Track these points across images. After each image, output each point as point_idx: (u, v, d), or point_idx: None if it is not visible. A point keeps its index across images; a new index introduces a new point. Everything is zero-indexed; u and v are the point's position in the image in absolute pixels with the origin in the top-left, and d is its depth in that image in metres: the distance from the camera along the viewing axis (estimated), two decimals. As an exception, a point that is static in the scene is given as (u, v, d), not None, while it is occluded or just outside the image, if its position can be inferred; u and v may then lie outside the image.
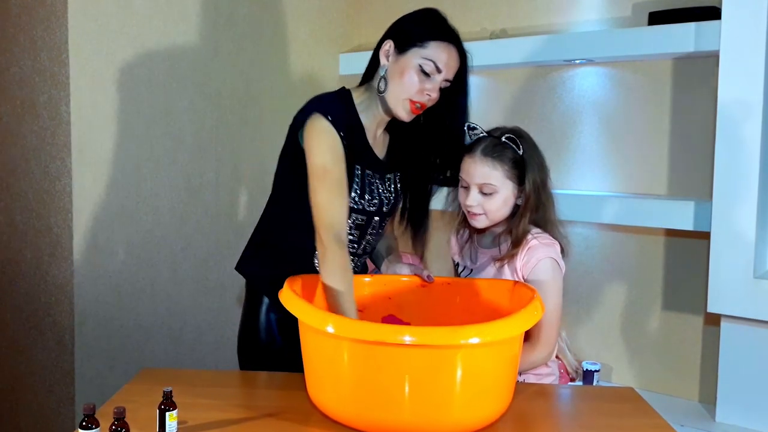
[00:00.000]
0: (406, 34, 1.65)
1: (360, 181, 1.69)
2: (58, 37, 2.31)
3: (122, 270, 2.46)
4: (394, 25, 1.71)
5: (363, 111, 1.72)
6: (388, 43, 1.67)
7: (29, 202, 2.47)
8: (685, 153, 2.48)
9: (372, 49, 1.75)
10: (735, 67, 2.12)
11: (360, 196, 1.69)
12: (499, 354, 1.35)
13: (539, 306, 1.41)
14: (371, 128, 1.73)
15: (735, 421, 2.24)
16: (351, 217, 1.69)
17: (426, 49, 1.62)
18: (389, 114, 1.71)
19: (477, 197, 1.72)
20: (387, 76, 1.65)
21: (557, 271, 1.72)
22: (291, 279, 1.54)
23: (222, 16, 2.70)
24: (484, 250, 1.83)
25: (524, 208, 1.73)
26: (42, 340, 2.47)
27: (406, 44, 1.64)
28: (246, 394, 1.62)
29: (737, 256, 2.13)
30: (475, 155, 1.72)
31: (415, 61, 1.62)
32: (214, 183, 2.71)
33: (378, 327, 1.30)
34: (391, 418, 1.32)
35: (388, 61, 1.66)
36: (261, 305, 1.78)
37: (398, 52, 1.65)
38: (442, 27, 1.66)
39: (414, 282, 1.76)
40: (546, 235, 1.75)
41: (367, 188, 1.71)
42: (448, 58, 1.64)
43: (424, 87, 1.63)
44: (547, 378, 1.78)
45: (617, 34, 2.45)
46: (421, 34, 1.63)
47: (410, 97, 1.63)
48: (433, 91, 1.64)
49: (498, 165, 1.70)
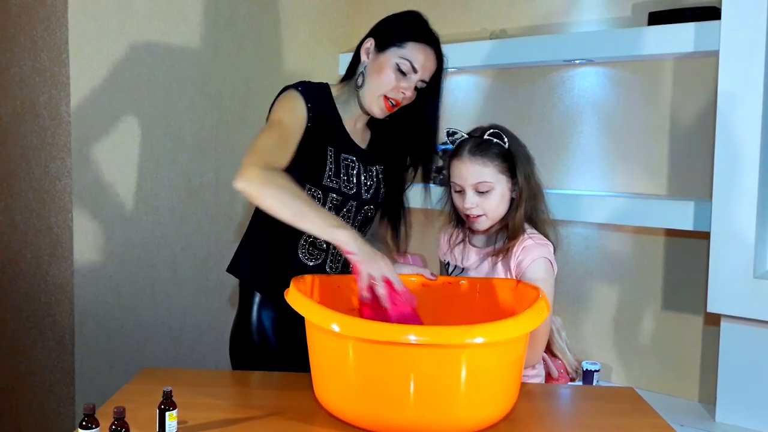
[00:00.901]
0: (386, 33, 1.71)
1: (334, 162, 1.73)
2: (58, 37, 2.31)
3: (122, 270, 2.46)
4: (377, 25, 1.77)
5: (341, 104, 1.77)
6: (369, 41, 1.73)
7: (29, 202, 2.47)
8: (685, 153, 2.49)
9: None
10: (735, 67, 2.12)
11: (335, 174, 1.72)
12: (504, 354, 1.35)
13: (545, 306, 1.41)
14: (349, 120, 1.78)
15: (735, 421, 2.24)
16: (329, 197, 1.73)
17: (404, 49, 1.68)
18: (365, 111, 1.76)
19: (474, 198, 1.72)
20: (365, 72, 1.72)
21: (550, 271, 1.73)
22: (296, 279, 1.54)
23: (222, 16, 2.70)
24: (477, 249, 1.83)
25: (519, 200, 1.74)
26: (42, 340, 2.47)
27: (386, 43, 1.70)
28: (246, 393, 1.62)
29: (737, 256, 2.13)
30: (463, 157, 1.73)
31: (392, 60, 1.68)
32: (214, 183, 2.72)
33: (384, 326, 1.29)
34: (395, 418, 1.32)
35: (368, 58, 1.73)
36: (252, 305, 1.79)
37: (378, 50, 1.71)
38: (421, 29, 1.72)
39: (416, 282, 1.76)
40: (540, 235, 1.76)
41: (342, 170, 1.74)
42: (425, 59, 1.69)
43: (400, 85, 1.69)
44: (533, 379, 1.79)
45: (617, 34, 2.45)
46: (400, 35, 1.69)
47: (385, 93, 1.69)
48: (408, 90, 1.69)
49: (488, 161, 1.71)
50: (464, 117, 2.92)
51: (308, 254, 1.77)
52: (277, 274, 1.72)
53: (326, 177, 1.71)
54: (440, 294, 1.75)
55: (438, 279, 1.76)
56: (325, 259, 1.79)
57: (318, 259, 1.78)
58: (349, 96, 1.78)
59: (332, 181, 1.72)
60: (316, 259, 1.78)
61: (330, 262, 1.80)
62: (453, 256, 1.88)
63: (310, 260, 1.77)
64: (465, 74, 2.96)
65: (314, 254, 1.77)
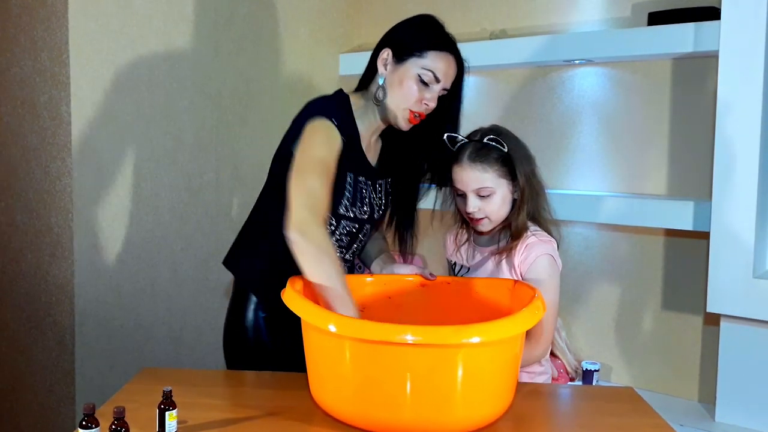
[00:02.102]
0: (404, 42, 1.64)
1: (352, 189, 1.69)
2: (58, 37, 2.31)
3: (122, 270, 2.46)
4: (391, 33, 1.70)
5: (359, 117, 1.71)
6: (386, 52, 1.66)
7: (30, 202, 2.48)
8: (685, 153, 2.49)
9: (372, 50, 1.74)
10: (734, 68, 2.12)
11: (352, 203, 1.69)
12: (500, 353, 1.35)
13: (540, 305, 1.41)
14: (366, 135, 1.73)
15: (734, 420, 2.24)
16: (341, 226, 1.70)
17: (425, 59, 1.62)
18: (386, 122, 1.71)
19: (476, 203, 1.73)
20: (386, 85, 1.65)
21: (555, 268, 1.73)
22: (293, 279, 1.54)
23: (222, 17, 2.70)
24: (482, 248, 1.84)
25: (521, 201, 1.74)
26: (42, 340, 2.47)
27: (405, 53, 1.63)
28: (246, 393, 1.63)
29: (736, 256, 2.13)
30: (462, 163, 1.73)
31: (414, 71, 1.62)
32: (214, 183, 2.72)
33: (380, 326, 1.29)
34: (392, 417, 1.32)
35: (386, 70, 1.66)
36: (249, 302, 1.78)
37: (396, 61, 1.65)
38: (440, 36, 1.66)
39: (414, 281, 1.76)
40: (543, 232, 1.77)
41: (358, 195, 1.70)
42: (447, 67, 1.64)
43: (423, 96, 1.64)
44: (540, 377, 1.79)
45: (617, 35, 2.45)
46: (419, 44, 1.63)
47: (410, 107, 1.63)
48: (431, 101, 1.64)
49: (487, 167, 1.72)
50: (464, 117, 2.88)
51: None
52: (274, 275, 1.72)
53: (342, 206, 1.68)
54: (438, 294, 1.76)
55: (436, 279, 1.76)
56: None
57: None
58: (367, 109, 1.71)
59: (348, 210, 1.70)
60: None
61: None
62: (459, 256, 1.89)
63: None
64: (465, 74, 2.96)
65: None
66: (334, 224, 1.70)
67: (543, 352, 1.75)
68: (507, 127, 1.83)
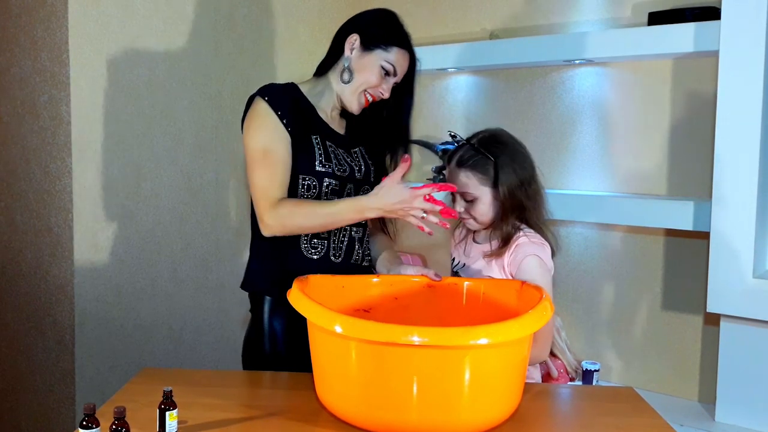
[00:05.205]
0: (372, 33, 1.80)
1: (322, 148, 1.77)
2: (58, 37, 2.31)
3: (122, 270, 2.46)
4: (359, 20, 1.85)
5: (315, 96, 1.83)
6: (354, 37, 1.80)
7: (29, 202, 2.48)
8: (685, 153, 2.49)
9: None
10: (734, 68, 2.12)
11: (326, 159, 1.77)
12: (508, 355, 1.34)
13: (548, 307, 1.41)
14: (325, 110, 1.84)
15: (734, 420, 2.24)
16: (324, 183, 1.76)
17: (389, 54, 1.78)
18: (341, 103, 1.83)
19: (462, 203, 1.80)
20: (351, 67, 1.79)
21: (544, 269, 1.74)
22: (299, 279, 1.54)
23: (222, 17, 2.70)
24: (477, 245, 1.87)
25: (503, 211, 1.77)
26: (42, 340, 2.47)
27: (372, 43, 1.79)
28: (247, 393, 1.63)
29: (736, 256, 2.13)
30: (451, 166, 1.83)
31: (378, 62, 1.77)
32: (214, 183, 2.72)
33: (386, 327, 1.28)
34: (398, 419, 1.32)
35: (351, 54, 1.80)
36: (263, 313, 1.79)
37: (363, 48, 1.79)
38: (404, 34, 1.81)
39: (421, 282, 1.76)
40: (537, 235, 1.78)
41: (331, 155, 1.78)
42: (404, 63, 1.81)
43: (381, 86, 1.79)
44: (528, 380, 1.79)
45: (617, 35, 2.45)
46: (387, 38, 1.78)
47: (368, 88, 1.78)
48: (386, 91, 1.80)
49: (471, 174, 1.77)
50: (464, 117, 2.93)
51: (310, 247, 1.77)
52: (283, 274, 1.72)
53: (318, 163, 1.75)
54: (445, 295, 1.75)
55: (442, 280, 1.76)
56: (327, 249, 1.79)
57: (321, 251, 1.78)
58: (324, 87, 1.84)
59: (324, 165, 1.76)
60: (318, 251, 1.78)
61: (333, 250, 1.80)
62: (458, 251, 1.93)
63: (314, 254, 1.77)
64: (465, 74, 2.96)
65: (316, 246, 1.77)
66: (316, 184, 1.75)
67: (543, 352, 1.75)
68: (507, 128, 1.84)
